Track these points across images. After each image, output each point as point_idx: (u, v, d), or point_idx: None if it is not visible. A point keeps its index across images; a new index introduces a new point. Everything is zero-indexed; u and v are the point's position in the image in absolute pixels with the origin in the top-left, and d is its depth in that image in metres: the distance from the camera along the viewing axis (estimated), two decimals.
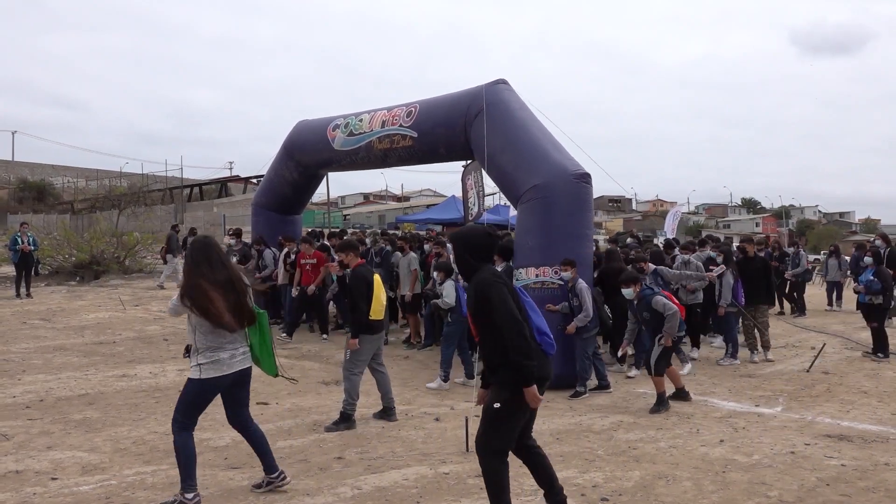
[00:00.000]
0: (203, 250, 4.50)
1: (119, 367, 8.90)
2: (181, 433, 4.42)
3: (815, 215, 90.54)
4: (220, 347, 4.42)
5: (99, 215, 29.67)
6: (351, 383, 6.40)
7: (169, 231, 18.79)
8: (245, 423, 4.70)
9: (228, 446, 5.82)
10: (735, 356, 9.61)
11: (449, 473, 5.09)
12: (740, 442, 5.97)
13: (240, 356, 4.51)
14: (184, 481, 4.39)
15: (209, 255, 4.47)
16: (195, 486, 4.40)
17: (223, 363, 4.42)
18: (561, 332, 7.95)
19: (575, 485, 4.90)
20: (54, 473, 5.04)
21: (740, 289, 9.87)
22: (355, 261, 6.65)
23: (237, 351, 4.50)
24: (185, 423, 4.45)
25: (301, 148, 12.23)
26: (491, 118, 8.90)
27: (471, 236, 4.04)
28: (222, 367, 4.42)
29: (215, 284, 4.36)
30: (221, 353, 4.42)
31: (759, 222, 79.95)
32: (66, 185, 49.10)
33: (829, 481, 5.00)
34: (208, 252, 4.49)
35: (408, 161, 10.87)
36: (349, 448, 5.80)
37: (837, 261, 16.04)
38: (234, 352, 4.48)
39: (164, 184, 41.76)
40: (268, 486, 4.71)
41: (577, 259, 8.13)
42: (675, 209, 25.75)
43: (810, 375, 8.77)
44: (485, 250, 3.99)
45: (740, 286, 9.89)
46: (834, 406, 7.30)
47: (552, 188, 8.14)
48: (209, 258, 4.45)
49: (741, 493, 4.76)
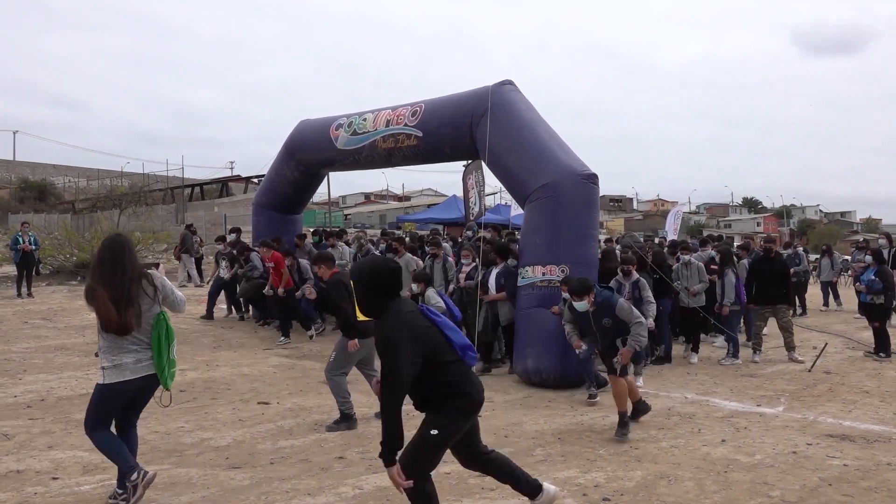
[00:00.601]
0: (108, 249, 4.34)
1: None
2: (93, 432, 4.33)
3: (817, 215, 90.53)
4: (124, 351, 4.28)
5: (100, 215, 29.69)
6: (335, 384, 6.40)
7: (183, 231, 18.73)
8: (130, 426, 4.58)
9: (230, 446, 5.82)
10: (736, 356, 9.60)
11: (450, 473, 5.08)
12: (742, 442, 5.96)
13: (146, 361, 4.35)
14: (120, 469, 4.31)
15: (113, 255, 4.30)
16: (133, 465, 4.30)
17: (126, 367, 4.28)
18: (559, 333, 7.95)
19: (577, 484, 4.90)
20: (55, 473, 5.03)
21: (742, 288, 9.86)
22: (328, 272, 6.66)
23: (143, 356, 4.34)
24: (95, 425, 4.35)
25: (303, 147, 12.22)
26: (497, 119, 8.91)
27: (372, 273, 3.65)
28: (125, 372, 4.27)
29: (111, 286, 4.20)
30: (125, 358, 4.28)
31: (760, 222, 79.93)
32: (67, 185, 49.11)
33: (832, 481, 4.99)
34: (114, 251, 4.32)
35: (412, 161, 10.86)
36: (350, 448, 5.79)
37: (830, 260, 15.91)
38: (140, 356, 4.33)
39: (165, 183, 41.77)
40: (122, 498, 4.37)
41: (583, 259, 8.15)
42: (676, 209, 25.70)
43: (812, 375, 8.76)
44: (389, 285, 3.64)
45: (742, 285, 9.88)
46: (836, 406, 7.29)
47: (560, 188, 8.18)
48: (113, 258, 4.29)
49: (743, 493, 4.75)
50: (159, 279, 4.51)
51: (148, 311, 4.35)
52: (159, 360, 4.36)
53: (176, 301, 4.57)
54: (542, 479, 4.97)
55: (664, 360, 9.63)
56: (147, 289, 4.36)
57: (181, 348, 8.92)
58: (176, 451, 5.67)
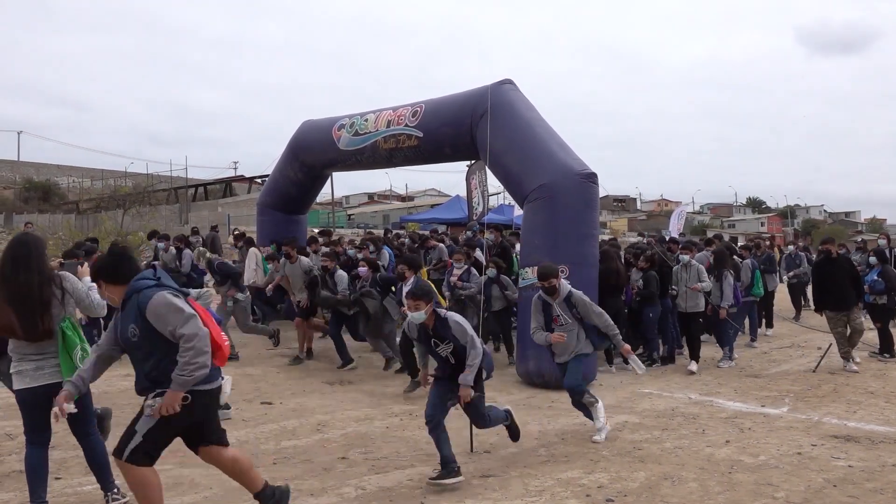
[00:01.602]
0: (12, 248, 4.17)
1: (124, 366, 8.83)
2: (26, 447, 4.24)
3: (821, 215, 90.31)
4: (24, 357, 4.14)
5: (104, 215, 29.78)
6: None
7: (210, 232, 18.60)
8: (83, 434, 4.41)
9: (233, 446, 5.80)
10: (731, 357, 9.53)
11: None
12: (746, 442, 5.94)
13: (49, 368, 4.16)
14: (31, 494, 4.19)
15: (15, 255, 4.12)
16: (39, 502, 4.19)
17: (26, 374, 4.14)
18: None
19: (580, 485, 4.88)
20: (58, 473, 5.04)
21: (738, 290, 9.73)
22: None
23: (45, 363, 4.15)
24: (28, 437, 4.24)
25: (306, 148, 12.24)
26: (497, 118, 8.89)
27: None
28: (25, 379, 4.14)
29: (10, 287, 4.03)
30: (25, 364, 4.14)
31: (764, 222, 79.70)
32: (71, 185, 49.21)
33: (837, 482, 4.96)
34: (16, 251, 4.13)
35: (413, 161, 10.86)
36: (353, 448, 5.79)
37: None
38: (41, 363, 4.15)
39: (168, 184, 41.87)
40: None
41: (583, 259, 8.12)
42: (679, 209, 25.69)
43: (816, 376, 8.73)
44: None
45: (738, 288, 9.74)
46: (840, 406, 7.26)
47: (558, 188, 8.14)
48: (15, 257, 4.10)
49: (747, 494, 4.73)
50: (69, 282, 4.28)
51: (55, 317, 4.16)
52: (64, 369, 4.14)
53: (92, 304, 4.36)
54: (545, 479, 4.97)
55: (667, 361, 9.61)
56: (55, 292, 4.16)
57: None
58: (178, 451, 5.64)
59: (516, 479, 5.00)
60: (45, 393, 4.13)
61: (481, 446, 5.78)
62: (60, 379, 4.12)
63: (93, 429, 4.45)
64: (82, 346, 4.22)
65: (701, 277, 9.29)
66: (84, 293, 4.33)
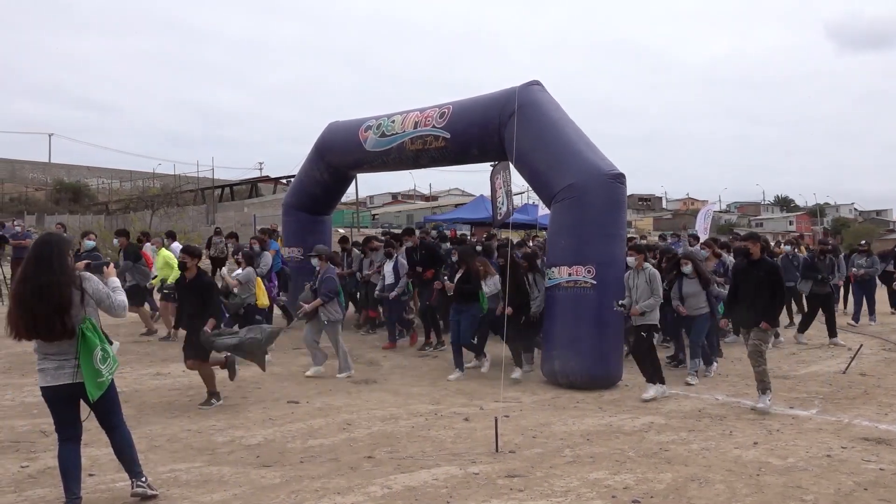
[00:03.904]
0: (36, 248, 4.22)
1: (153, 365, 9.04)
2: (58, 444, 4.32)
3: (851, 213, 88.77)
4: (46, 356, 4.20)
5: (133, 215, 30.27)
6: None
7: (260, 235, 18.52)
8: (111, 427, 4.49)
9: (260, 444, 5.89)
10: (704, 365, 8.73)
11: (479, 473, 5.09)
12: (774, 444, 5.88)
13: (69, 369, 4.20)
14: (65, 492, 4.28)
15: (39, 254, 4.16)
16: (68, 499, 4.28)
17: (47, 373, 4.20)
18: (595, 332, 7.92)
19: (605, 486, 4.87)
20: (91, 470, 5.13)
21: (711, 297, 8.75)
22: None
23: (66, 363, 4.19)
24: (59, 433, 4.33)
25: (332, 149, 12.33)
26: (525, 119, 8.90)
27: None
28: (47, 378, 4.20)
29: (32, 286, 4.06)
30: (46, 363, 4.20)
31: (792, 221, 78.56)
32: (100, 187, 50.04)
33: (867, 485, 4.90)
34: (40, 250, 4.18)
35: (440, 162, 10.90)
36: (379, 447, 5.83)
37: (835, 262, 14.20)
38: (63, 363, 4.19)
39: (195, 184, 42.34)
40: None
41: (610, 259, 8.09)
42: (706, 208, 25.33)
43: (847, 377, 8.60)
44: None
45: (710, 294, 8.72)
46: (871, 409, 7.15)
47: (586, 188, 8.14)
48: (38, 257, 4.15)
49: (776, 497, 4.69)
50: (90, 283, 4.30)
51: (75, 317, 4.17)
52: (84, 370, 4.17)
53: (112, 306, 4.37)
54: (571, 479, 4.97)
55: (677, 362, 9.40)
56: (75, 293, 4.18)
57: None
58: (208, 450, 5.75)
59: (541, 480, 5.00)
60: (68, 391, 4.22)
61: (507, 446, 5.79)
62: (81, 379, 4.16)
63: (120, 420, 4.51)
64: (102, 346, 4.23)
65: (653, 286, 7.67)
66: (105, 294, 4.34)
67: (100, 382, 4.21)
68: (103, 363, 4.21)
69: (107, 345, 4.30)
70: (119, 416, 4.52)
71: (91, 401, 4.24)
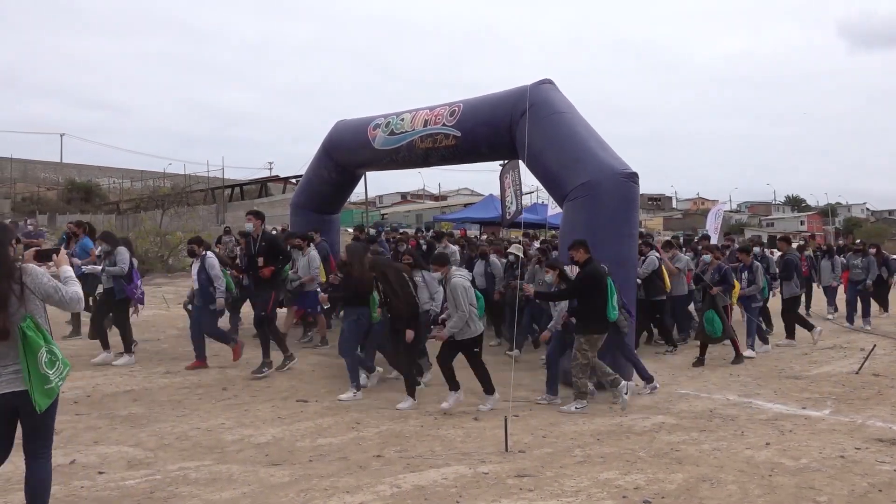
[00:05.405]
0: None
1: (163, 364, 9.07)
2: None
3: (863, 213, 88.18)
4: None
5: (144, 215, 30.35)
6: None
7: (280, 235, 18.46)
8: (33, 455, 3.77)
9: (269, 443, 5.88)
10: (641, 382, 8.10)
11: (488, 473, 5.06)
12: (787, 445, 5.82)
13: (7, 375, 3.64)
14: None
15: None
16: None
17: None
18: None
19: (616, 486, 4.83)
20: (101, 467, 5.14)
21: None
22: None
23: (3, 369, 3.63)
24: None
25: (340, 147, 12.31)
26: (536, 117, 8.86)
27: None
28: None
29: None
30: None
31: (804, 220, 78.13)
32: (111, 186, 50.31)
33: (882, 487, 4.84)
34: None
35: (450, 160, 10.87)
36: (388, 446, 5.81)
37: (830, 263, 14.31)
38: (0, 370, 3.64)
39: (206, 184, 42.50)
40: None
41: (623, 259, 8.05)
42: (716, 207, 25.19)
43: (860, 377, 8.52)
44: None
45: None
46: (885, 409, 7.08)
47: (599, 187, 8.09)
48: None
49: (789, 498, 4.64)
50: (30, 276, 3.72)
51: (14, 315, 3.63)
52: (26, 375, 3.61)
53: (63, 300, 3.76)
54: (581, 479, 4.93)
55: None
56: (13, 287, 3.63)
57: (222, 346, 9.08)
58: (217, 448, 5.75)
59: (551, 479, 4.97)
60: (9, 403, 3.64)
61: (516, 446, 5.76)
62: (22, 387, 3.61)
63: (48, 450, 3.83)
64: (48, 347, 3.68)
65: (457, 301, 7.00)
66: (53, 288, 3.73)
67: (48, 389, 3.64)
68: (51, 367, 3.65)
69: (54, 346, 3.74)
70: (49, 445, 3.83)
71: (38, 411, 3.62)
